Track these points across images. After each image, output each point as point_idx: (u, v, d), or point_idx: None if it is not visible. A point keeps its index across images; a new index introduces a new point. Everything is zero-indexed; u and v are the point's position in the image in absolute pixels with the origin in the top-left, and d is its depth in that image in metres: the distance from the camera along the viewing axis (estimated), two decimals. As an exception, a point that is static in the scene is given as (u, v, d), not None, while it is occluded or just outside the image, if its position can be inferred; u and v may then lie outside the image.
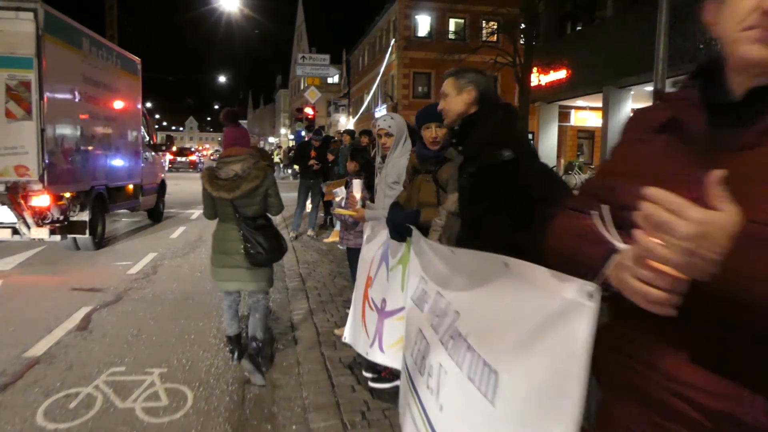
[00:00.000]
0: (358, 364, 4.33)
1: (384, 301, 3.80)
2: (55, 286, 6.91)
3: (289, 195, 12.22)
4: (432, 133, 3.53)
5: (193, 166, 42.01)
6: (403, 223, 3.51)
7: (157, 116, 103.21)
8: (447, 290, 2.27)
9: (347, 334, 4.37)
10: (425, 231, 3.25)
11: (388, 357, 3.68)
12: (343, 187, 6.06)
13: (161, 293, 6.72)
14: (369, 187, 4.83)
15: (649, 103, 1.50)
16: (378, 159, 4.29)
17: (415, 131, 4.41)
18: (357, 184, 4.29)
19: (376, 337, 3.81)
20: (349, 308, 5.80)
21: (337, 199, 6.19)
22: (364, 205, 4.29)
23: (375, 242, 4.12)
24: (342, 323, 5.45)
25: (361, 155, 5.36)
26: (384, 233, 3.95)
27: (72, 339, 5.04)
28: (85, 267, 8.09)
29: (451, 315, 2.08)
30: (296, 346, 4.96)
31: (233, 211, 4.18)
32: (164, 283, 7.21)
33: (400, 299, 3.65)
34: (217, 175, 4.15)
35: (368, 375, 4.07)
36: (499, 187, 2.09)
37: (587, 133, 26.41)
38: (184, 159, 41.93)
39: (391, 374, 3.84)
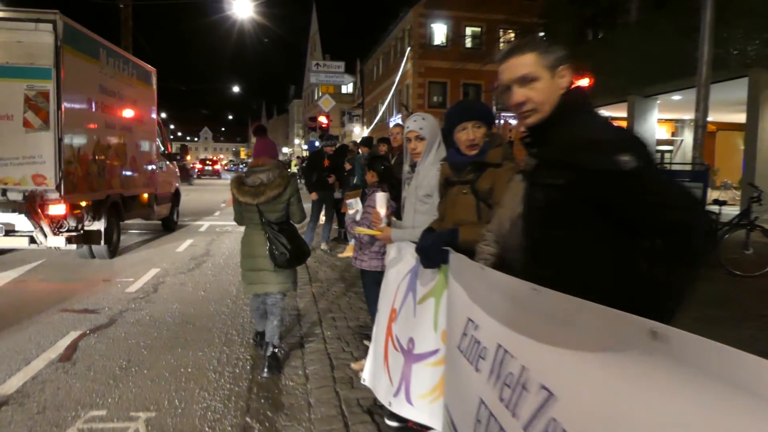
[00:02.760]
0: (379, 407, 3.66)
1: (411, 341, 3.13)
2: (45, 305, 6.31)
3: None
4: (468, 134, 2.89)
5: (216, 173, 53.03)
6: (436, 246, 2.86)
7: (172, 126, 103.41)
8: (523, 350, 1.61)
9: (366, 375, 3.71)
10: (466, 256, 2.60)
11: (418, 410, 3.02)
12: (358, 199, 5.42)
13: (159, 316, 6.09)
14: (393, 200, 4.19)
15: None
16: (406, 167, 3.63)
17: (444, 136, 3.77)
18: (381, 198, 3.63)
19: (402, 385, 3.14)
20: (366, 338, 5.16)
21: (351, 211, 5.53)
22: (389, 223, 3.62)
23: (400, 267, 3.45)
24: (359, 355, 4.80)
25: (381, 163, 4.70)
26: (412, 257, 3.30)
27: (52, 373, 4.41)
28: (81, 284, 7.50)
29: (536, 393, 1.42)
30: (307, 384, 4.29)
31: (259, 216, 4.44)
32: (164, 304, 6.59)
33: (433, 340, 2.98)
34: (245, 182, 4.45)
35: (392, 424, 3.42)
36: (608, 205, 1.42)
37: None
38: (209, 167, 53.88)
39: (420, 425, 3.16)
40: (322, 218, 10.60)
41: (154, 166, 12.18)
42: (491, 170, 2.86)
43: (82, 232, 8.52)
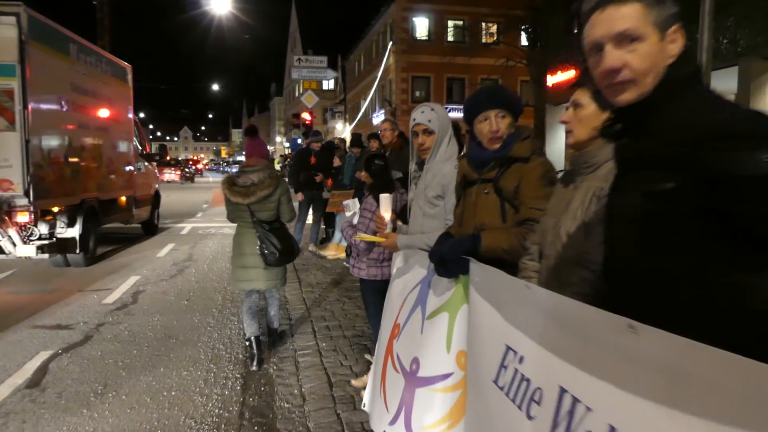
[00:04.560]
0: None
1: (416, 361, 2.68)
2: (13, 321, 5.82)
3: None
4: (491, 124, 2.49)
5: (200, 172, 58.03)
6: (454, 253, 2.46)
7: (151, 126, 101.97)
8: (607, 403, 1.23)
9: (367, 399, 3.30)
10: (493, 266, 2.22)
11: None
12: (355, 200, 5.03)
13: (139, 330, 5.63)
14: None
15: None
16: (412, 166, 3.23)
17: (458, 129, 3.38)
18: (385, 200, 3.23)
19: (401, 412, 2.69)
20: (366, 350, 4.77)
21: (348, 214, 5.14)
22: (395, 228, 3.22)
23: (408, 278, 3.04)
24: (359, 369, 4.41)
25: (376, 161, 4.26)
26: (422, 266, 2.90)
27: (17, 402, 3.94)
28: (54, 296, 6.99)
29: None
30: (305, 405, 3.89)
31: (250, 215, 4.53)
32: (144, 317, 6.12)
33: (444, 362, 2.52)
34: (236, 182, 4.54)
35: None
36: (741, 220, 1.04)
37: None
38: (192, 168, 57.05)
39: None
40: (309, 218, 10.19)
41: (132, 168, 11.66)
42: (517, 166, 2.47)
43: (54, 240, 8.01)
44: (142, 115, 64.29)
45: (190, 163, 60.74)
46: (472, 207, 2.61)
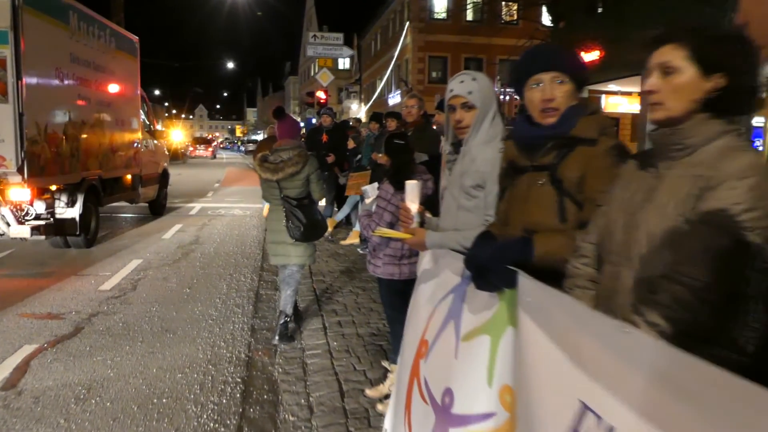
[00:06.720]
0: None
1: (449, 393, 2.11)
2: (2, 308, 5.39)
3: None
4: (544, 92, 1.94)
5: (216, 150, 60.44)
6: (498, 262, 1.92)
7: (166, 104, 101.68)
8: None
9: (388, 424, 2.80)
10: (549, 280, 1.70)
11: None
12: (375, 185, 4.52)
13: (135, 322, 5.17)
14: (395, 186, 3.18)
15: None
16: (446, 147, 2.69)
17: (499, 103, 2.83)
18: (412, 188, 2.69)
19: None
20: (382, 353, 4.28)
21: (367, 201, 4.65)
22: (423, 223, 2.69)
23: (438, 283, 2.50)
24: (374, 376, 3.93)
25: (395, 141, 3.71)
26: (454, 271, 2.37)
27: (-11, 407, 3.51)
28: (49, 280, 6.56)
29: None
30: (312, 419, 3.41)
31: (279, 192, 4.65)
32: (142, 306, 5.67)
33: (485, 398, 1.93)
34: (268, 159, 4.67)
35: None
36: None
37: (612, 121, 24.57)
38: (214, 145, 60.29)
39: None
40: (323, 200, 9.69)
41: (137, 145, 11.19)
42: (582, 149, 1.92)
43: (52, 220, 7.58)
44: (157, 92, 64.04)
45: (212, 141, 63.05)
46: (521, 202, 2.06)
